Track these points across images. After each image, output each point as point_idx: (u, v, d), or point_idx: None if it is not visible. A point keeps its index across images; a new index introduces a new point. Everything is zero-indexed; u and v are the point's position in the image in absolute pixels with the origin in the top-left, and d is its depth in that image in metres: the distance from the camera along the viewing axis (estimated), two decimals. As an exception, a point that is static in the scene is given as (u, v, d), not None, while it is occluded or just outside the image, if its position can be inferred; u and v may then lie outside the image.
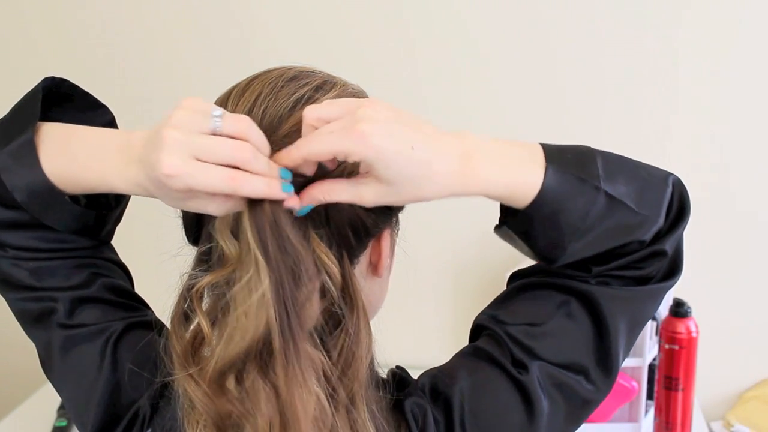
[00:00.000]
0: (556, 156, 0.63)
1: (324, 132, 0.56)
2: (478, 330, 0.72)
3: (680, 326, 1.32)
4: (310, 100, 0.63)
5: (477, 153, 0.60)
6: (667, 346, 1.33)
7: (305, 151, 0.57)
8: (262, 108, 0.62)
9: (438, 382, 0.68)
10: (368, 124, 0.55)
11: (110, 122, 0.75)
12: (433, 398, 0.67)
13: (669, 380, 1.33)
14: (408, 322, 1.59)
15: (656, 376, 1.37)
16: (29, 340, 0.73)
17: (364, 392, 0.63)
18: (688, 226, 0.68)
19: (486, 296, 0.76)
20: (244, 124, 0.56)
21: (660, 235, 0.67)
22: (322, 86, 0.65)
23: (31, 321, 0.71)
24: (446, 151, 0.59)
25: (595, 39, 1.48)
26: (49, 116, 0.68)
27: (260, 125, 0.60)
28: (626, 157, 0.67)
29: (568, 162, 0.63)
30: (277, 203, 0.57)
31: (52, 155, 0.64)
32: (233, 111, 0.62)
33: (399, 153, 0.56)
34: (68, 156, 0.64)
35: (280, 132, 0.61)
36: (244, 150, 0.55)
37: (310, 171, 0.60)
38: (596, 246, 0.65)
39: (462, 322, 1.62)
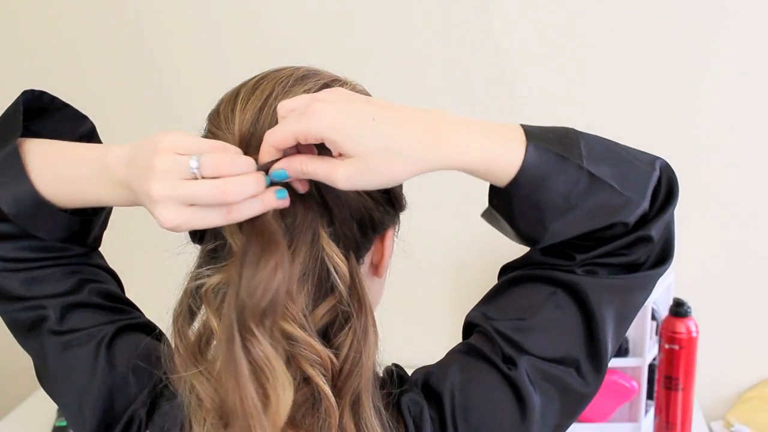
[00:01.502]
0: (537, 135, 0.62)
1: (284, 120, 0.58)
2: (469, 327, 0.72)
3: (680, 326, 1.32)
4: None
5: (451, 125, 0.60)
6: (667, 346, 1.33)
7: (270, 141, 0.58)
8: (273, 106, 0.63)
9: (430, 378, 0.68)
10: (321, 104, 0.57)
11: (91, 132, 0.75)
12: (426, 394, 0.67)
13: (669, 380, 1.33)
14: (407, 321, 1.59)
15: (656, 376, 1.37)
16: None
17: (369, 390, 0.63)
18: (688, 225, 0.67)
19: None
20: (224, 166, 0.57)
21: (646, 220, 0.66)
22: (330, 85, 0.65)
23: (24, 331, 0.71)
24: (414, 121, 0.59)
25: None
26: (29, 129, 0.69)
27: (271, 123, 0.62)
28: (611, 140, 0.66)
29: (549, 141, 0.62)
30: None
31: (39, 171, 0.66)
32: (243, 109, 0.63)
33: (358, 125, 0.57)
34: (55, 174, 0.66)
35: None
36: (227, 193, 0.57)
37: (302, 187, 0.61)
38: (579, 226, 0.64)
39: (461, 322, 1.62)
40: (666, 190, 0.66)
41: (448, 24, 1.50)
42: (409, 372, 0.71)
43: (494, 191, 0.65)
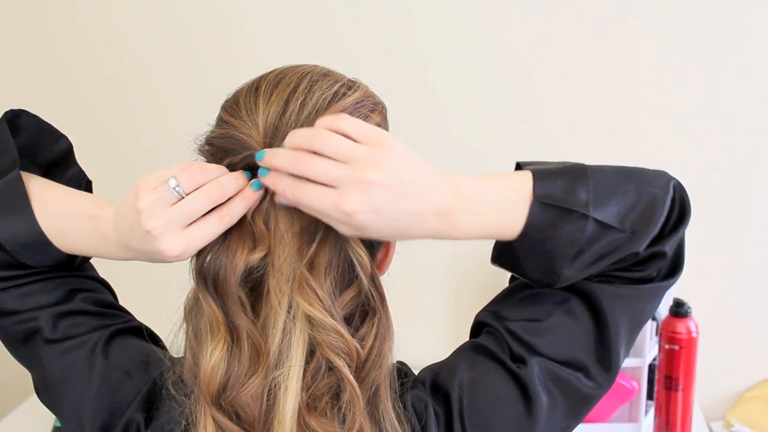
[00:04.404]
0: (544, 185, 0.64)
1: (317, 193, 0.59)
2: (478, 327, 0.73)
3: (680, 326, 1.32)
4: (345, 96, 0.65)
5: (456, 210, 0.62)
6: (667, 346, 1.33)
7: (295, 196, 0.59)
8: (299, 100, 0.63)
9: (438, 376, 0.69)
10: (358, 199, 0.58)
11: (67, 151, 0.77)
12: (433, 392, 0.68)
13: (669, 380, 1.33)
14: (410, 321, 1.59)
15: (656, 376, 1.37)
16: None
17: (387, 382, 0.64)
18: (688, 226, 0.69)
19: (487, 295, 0.76)
20: (199, 175, 0.61)
21: (660, 238, 0.67)
22: (351, 85, 0.66)
23: (19, 344, 0.72)
24: (427, 211, 0.61)
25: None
26: None
27: (298, 117, 0.63)
28: (623, 170, 0.68)
29: (556, 191, 0.64)
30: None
31: (40, 214, 0.68)
32: (268, 102, 0.64)
33: (382, 227, 0.60)
34: (53, 224, 0.68)
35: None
36: (213, 193, 0.60)
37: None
38: (590, 269, 0.66)
39: (463, 321, 1.62)
40: (679, 210, 0.68)
41: (454, 27, 1.51)
42: (415, 371, 0.71)
43: (500, 246, 0.68)
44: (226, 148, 0.64)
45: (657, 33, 1.46)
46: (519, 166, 0.70)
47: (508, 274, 0.75)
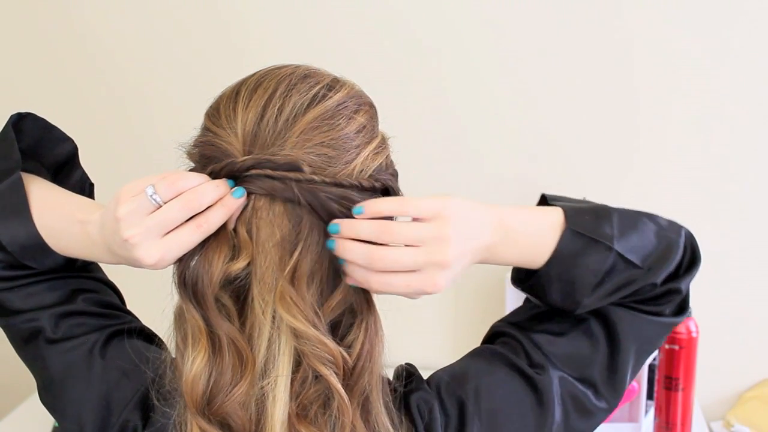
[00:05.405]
0: (574, 218, 0.68)
1: (403, 282, 0.61)
2: (494, 336, 0.75)
3: (680, 326, 1.32)
4: (325, 98, 0.64)
5: (499, 242, 0.66)
6: (667, 346, 1.33)
7: (381, 288, 0.62)
8: (277, 106, 0.63)
9: (451, 380, 0.70)
10: (443, 278, 0.62)
11: (72, 153, 0.78)
12: (446, 395, 0.69)
13: (669, 380, 1.34)
14: (408, 323, 1.59)
15: (656, 376, 1.37)
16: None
17: (379, 387, 0.64)
18: (688, 226, 0.73)
19: (487, 296, 0.77)
20: (178, 183, 0.61)
21: (675, 277, 0.71)
22: (333, 86, 0.66)
23: (22, 343, 0.72)
24: (478, 248, 0.64)
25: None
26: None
27: (276, 122, 0.62)
28: (642, 215, 0.72)
29: (584, 223, 0.67)
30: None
31: (37, 217, 0.68)
32: (246, 108, 0.63)
33: (448, 279, 0.63)
34: (48, 226, 0.69)
35: (296, 128, 0.62)
36: (190, 201, 0.60)
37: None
38: (608, 298, 0.69)
39: (463, 322, 1.62)
40: (690, 256, 0.73)
41: (455, 32, 1.51)
42: (424, 374, 0.72)
43: (524, 270, 0.71)
44: (209, 156, 0.64)
45: (662, 37, 1.46)
46: (544, 197, 0.74)
47: (508, 276, 0.75)
